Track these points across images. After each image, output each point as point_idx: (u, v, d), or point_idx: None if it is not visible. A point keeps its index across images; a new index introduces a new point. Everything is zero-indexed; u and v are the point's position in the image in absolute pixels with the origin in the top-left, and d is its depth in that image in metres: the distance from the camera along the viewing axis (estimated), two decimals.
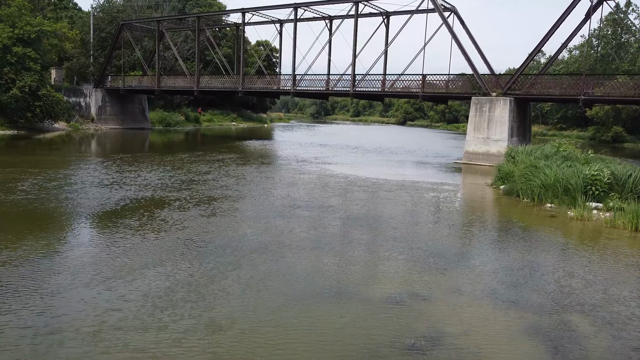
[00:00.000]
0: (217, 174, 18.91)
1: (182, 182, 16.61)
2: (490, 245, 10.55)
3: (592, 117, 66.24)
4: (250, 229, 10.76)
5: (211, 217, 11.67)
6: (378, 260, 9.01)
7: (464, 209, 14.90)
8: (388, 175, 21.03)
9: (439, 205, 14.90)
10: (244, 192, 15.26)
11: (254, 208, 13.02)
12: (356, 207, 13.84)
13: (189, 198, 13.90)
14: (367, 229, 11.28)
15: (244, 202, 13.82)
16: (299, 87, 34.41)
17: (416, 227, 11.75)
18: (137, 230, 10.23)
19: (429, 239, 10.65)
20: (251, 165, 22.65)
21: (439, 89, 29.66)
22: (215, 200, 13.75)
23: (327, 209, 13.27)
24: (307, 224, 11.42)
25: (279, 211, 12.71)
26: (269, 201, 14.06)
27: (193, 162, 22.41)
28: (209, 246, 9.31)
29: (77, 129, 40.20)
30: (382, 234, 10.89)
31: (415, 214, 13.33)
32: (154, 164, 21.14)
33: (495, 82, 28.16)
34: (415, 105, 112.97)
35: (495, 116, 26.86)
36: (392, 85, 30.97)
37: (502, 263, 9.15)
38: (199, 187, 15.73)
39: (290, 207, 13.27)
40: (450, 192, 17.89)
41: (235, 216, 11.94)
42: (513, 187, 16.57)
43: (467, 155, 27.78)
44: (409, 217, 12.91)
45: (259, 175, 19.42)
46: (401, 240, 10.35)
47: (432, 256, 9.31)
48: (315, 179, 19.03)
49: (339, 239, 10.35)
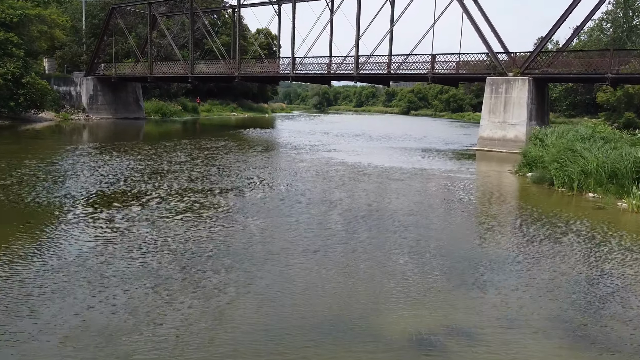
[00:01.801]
0: (209, 164, 16.45)
1: (167, 173, 14.16)
2: (536, 248, 8.05)
3: (602, 104, 63.25)
4: (232, 233, 8.29)
5: (184, 218, 9.20)
6: (393, 275, 6.53)
7: (490, 201, 12.37)
8: (396, 163, 18.53)
9: (460, 197, 12.39)
10: (235, 184, 12.79)
11: (244, 204, 10.54)
12: (364, 201, 11.35)
13: (166, 192, 11.45)
14: (378, 230, 8.79)
15: (234, 196, 11.35)
16: (298, 71, 31.81)
17: (437, 226, 9.26)
18: (56, 242, 7.78)
19: (457, 242, 8.16)
20: (249, 154, 20.17)
21: (450, 69, 27.02)
22: (199, 195, 11.29)
23: (330, 203, 10.78)
24: (306, 224, 8.94)
25: (272, 208, 10.23)
26: (264, 195, 11.59)
27: (182, 151, 19.96)
28: (162, 263, 6.86)
29: (66, 119, 37.77)
30: (396, 236, 8.40)
31: (433, 209, 10.83)
32: (137, 154, 18.69)
33: (511, 62, 25.48)
34: (419, 94, 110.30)
35: (513, 98, 24.24)
36: (399, 67, 28.32)
37: (562, 275, 6.66)
38: (180, 178, 13.27)
39: (287, 202, 10.80)
40: (468, 180, 15.37)
41: (218, 216, 9.47)
42: (544, 174, 14.05)
43: (482, 141, 25.20)
44: (426, 213, 10.42)
45: (256, 164, 16.96)
46: (421, 245, 7.87)
47: (465, 267, 6.84)
48: (317, 168, 16.55)
49: (343, 244, 7.86)
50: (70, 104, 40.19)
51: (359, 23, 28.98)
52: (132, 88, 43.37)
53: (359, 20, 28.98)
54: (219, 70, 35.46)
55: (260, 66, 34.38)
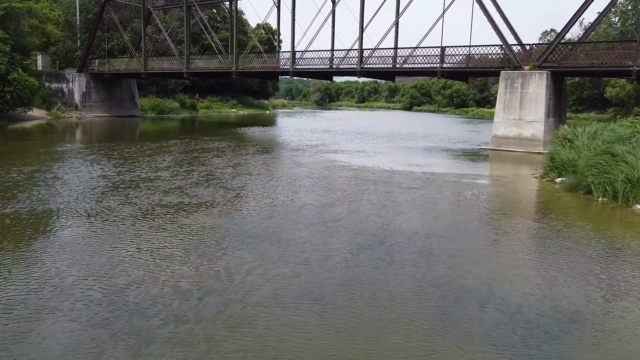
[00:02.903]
0: (194, 170, 14.55)
1: (141, 182, 12.25)
2: (611, 291, 6.12)
3: (611, 99, 61.09)
4: (196, 278, 6.38)
5: (139, 254, 7.29)
6: (421, 347, 4.61)
7: (524, 215, 10.42)
8: (404, 166, 16.59)
9: (486, 211, 10.46)
10: (217, 198, 10.88)
11: (223, 227, 8.64)
12: (371, 219, 9.41)
13: (130, 210, 9.55)
14: (392, 264, 6.87)
15: (212, 215, 9.44)
16: (299, 66, 29.82)
17: (469, 257, 7.33)
18: None
19: (505, 285, 6.23)
20: (242, 156, 18.25)
21: (460, 63, 24.99)
22: (169, 214, 9.38)
23: (331, 224, 8.84)
24: (298, 257, 7.04)
25: (258, 231, 8.32)
26: (251, 212, 9.68)
27: (169, 153, 18.05)
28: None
29: (57, 117, 35.87)
30: (417, 274, 6.47)
31: (457, 230, 8.91)
32: (117, 157, 16.79)
33: (525, 55, 23.45)
34: (422, 90, 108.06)
35: (529, 93, 22.24)
36: (405, 62, 26.31)
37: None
38: (154, 189, 11.36)
39: (279, 222, 8.90)
40: (490, 188, 13.45)
41: (186, 247, 7.56)
42: (579, 181, 12.11)
43: (495, 140, 23.22)
44: (449, 235, 8.49)
45: (248, 169, 15.04)
46: (454, 291, 5.94)
47: (532, 337, 4.92)
48: (316, 173, 14.62)
49: (346, 290, 5.95)
50: (62, 101, 38.26)
51: (362, 14, 26.99)
52: (127, 85, 41.42)
53: (363, 12, 26.99)
54: (216, 65, 33.49)
55: (259, 61, 32.39)
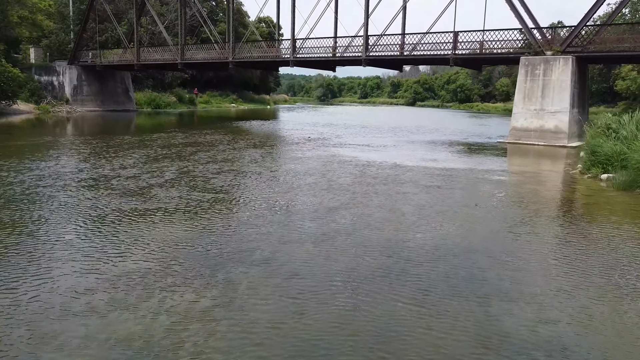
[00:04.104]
0: (169, 166, 12.37)
1: (102, 181, 10.08)
2: None
3: (621, 92, 58.59)
4: (143, 323, 4.20)
5: (70, 287, 5.12)
6: None
7: (585, 221, 8.17)
8: (417, 161, 14.38)
9: (532, 216, 8.23)
10: (187, 201, 8.70)
11: (188, 244, 6.47)
12: (388, 229, 7.21)
13: (72, 217, 7.39)
14: (436, 308, 4.67)
15: (176, 225, 7.27)
16: (299, 55, 27.56)
17: (540, 286, 5.12)
18: None
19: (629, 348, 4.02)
20: (232, 151, 16.07)
21: (474, 50, 22.71)
22: (123, 222, 7.21)
23: (333, 239, 6.64)
24: (289, 291, 4.87)
25: (237, 249, 6.15)
26: (230, 222, 7.50)
27: (148, 147, 15.87)
28: None
29: (47, 111, 33.69)
30: (483, 327, 4.27)
31: (504, 241, 6.71)
32: (87, 152, 14.63)
33: (545, 41, 21.10)
34: (425, 85, 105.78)
35: (552, 81, 19.96)
36: (414, 49, 24.03)
37: None
38: (114, 189, 9.19)
39: (266, 236, 6.71)
40: (525, 186, 11.23)
41: (133, 272, 5.40)
42: (635, 178, 9.89)
43: (514, 133, 20.95)
44: (500, 251, 6.29)
45: (236, 165, 12.84)
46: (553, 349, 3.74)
47: None
48: (318, 170, 12.42)
49: (353, 350, 3.76)
50: (52, 95, 36.08)
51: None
52: (121, 78, 39.20)
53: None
54: (212, 55, 31.22)
55: (257, 50, 30.11)
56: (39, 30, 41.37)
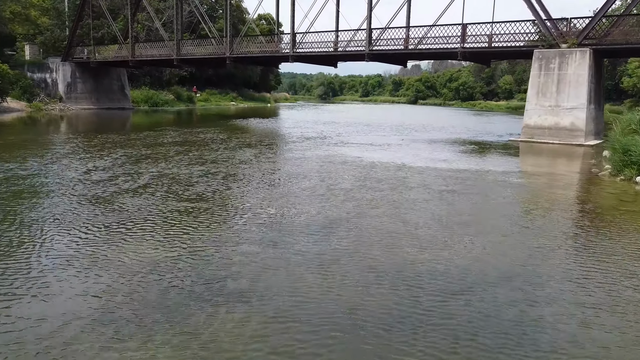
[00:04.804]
0: (149, 168, 10.99)
1: (58, 186, 8.69)
2: None
3: (627, 89, 56.92)
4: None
5: None
6: None
7: (626, 237, 6.76)
8: (426, 162, 12.97)
9: (572, 227, 6.83)
10: (157, 213, 7.33)
11: (146, 274, 5.08)
12: (402, 247, 5.81)
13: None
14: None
15: (140, 245, 5.90)
16: (299, 50, 26.13)
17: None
18: None
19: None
20: (221, 151, 14.68)
21: (483, 44, 21.22)
22: (72, 238, 5.83)
23: (337, 266, 5.25)
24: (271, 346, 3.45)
25: (212, 277, 4.77)
26: (197, 244, 6.11)
27: (130, 147, 14.48)
28: None
29: (39, 109, 32.32)
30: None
31: (550, 263, 5.30)
32: (60, 152, 13.26)
33: (558, 34, 19.63)
34: (427, 83, 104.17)
35: (568, 75, 18.51)
36: (420, 43, 22.58)
37: None
38: (71, 196, 7.81)
39: (249, 260, 5.32)
40: (550, 191, 9.81)
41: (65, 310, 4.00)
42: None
43: (527, 130, 19.50)
44: (550, 276, 4.89)
45: (221, 167, 11.45)
46: None
47: None
48: (317, 173, 11.02)
49: None
50: (45, 92, 34.66)
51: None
52: (117, 75, 37.78)
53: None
54: (209, 51, 29.78)
55: (256, 46, 28.66)
56: (33, 26, 40.05)
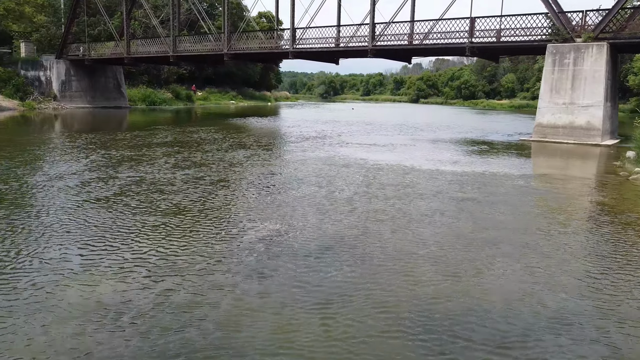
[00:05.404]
0: (119, 174, 9.84)
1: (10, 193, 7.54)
2: None
3: (633, 88, 55.57)
4: None
5: None
6: None
7: None
8: (437, 165, 11.80)
9: (628, 244, 5.66)
10: (130, 225, 6.18)
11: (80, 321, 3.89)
12: (414, 280, 4.65)
13: None
14: None
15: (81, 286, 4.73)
16: (299, 46, 24.96)
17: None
18: None
19: None
20: (209, 152, 13.52)
21: (492, 39, 20.03)
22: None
23: (327, 309, 4.09)
24: None
25: (157, 344, 3.59)
26: (169, 277, 4.96)
27: (113, 148, 13.33)
28: None
29: (32, 108, 31.20)
30: None
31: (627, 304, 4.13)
32: (28, 157, 12.11)
33: (575, 26, 18.45)
34: (429, 81, 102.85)
35: (584, 71, 17.34)
36: (425, 38, 21.39)
37: None
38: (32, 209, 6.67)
39: (212, 308, 4.16)
40: (585, 198, 8.65)
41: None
42: None
43: (540, 129, 18.33)
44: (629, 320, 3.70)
45: (205, 170, 10.30)
46: None
47: None
48: (318, 178, 9.87)
49: None
50: (39, 91, 33.54)
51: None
52: (113, 73, 36.63)
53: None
54: (206, 47, 28.60)
55: (255, 42, 27.49)
56: (28, 23, 38.89)
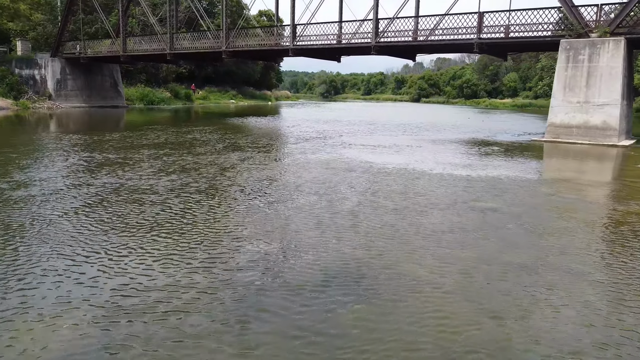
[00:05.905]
0: (93, 182, 8.88)
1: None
2: None
3: (638, 87, 54.34)
4: None
5: None
6: None
7: None
8: (444, 168, 10.83)
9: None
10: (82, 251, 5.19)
11: None
12: (438, 323, 3.67)
13: None
14: None
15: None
16: (300, 43, 23.97)
17: None
18: None
19: None
20: (200, 155, 12.55)
21: (500, 33, 19.04)
22: None
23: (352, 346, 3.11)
24: None
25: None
26: (120, 323, 3.96)
27: (98, 150, 12.37)
28: None
29: (26, 107, 30.28)
30: None
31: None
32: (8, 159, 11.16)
33: (590, 20, 17.45)
34: (430, 81, 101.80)
35: (600, 68, 16.35)
36: (430, 34, 20.40)
37: None
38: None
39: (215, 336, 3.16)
40: (616, 207, 7.69)
41: None
42: None
43: (553, 129, 17.34)
44: None
45: (193, 176, 9.33)
46: None
47: None
48: (315, 184, 8.89)
49: None
50: (34, 90, 32.60)
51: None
52: (109, 71, 35.66)
53: None
54: (204, 45, 27.62)
55: (254, 39, 26.50)
56: (26, 22, 37.98)
